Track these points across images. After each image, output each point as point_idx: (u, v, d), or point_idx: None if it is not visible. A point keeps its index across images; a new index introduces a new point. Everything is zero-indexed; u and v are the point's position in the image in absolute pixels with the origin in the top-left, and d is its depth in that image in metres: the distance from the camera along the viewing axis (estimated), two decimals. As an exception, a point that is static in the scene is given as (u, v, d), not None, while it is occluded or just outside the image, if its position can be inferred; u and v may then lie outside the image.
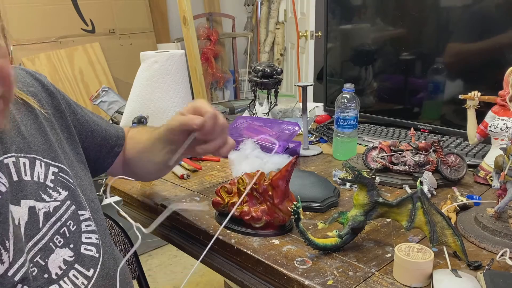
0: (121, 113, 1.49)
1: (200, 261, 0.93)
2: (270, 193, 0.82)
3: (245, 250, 0.80)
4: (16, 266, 0.62)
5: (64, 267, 0.68)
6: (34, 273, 0.65)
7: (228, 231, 0.87)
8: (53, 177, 0.72)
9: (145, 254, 2.49)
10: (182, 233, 0.98)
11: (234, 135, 1.29)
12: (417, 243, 0.76)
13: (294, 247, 0.80)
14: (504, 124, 1.00)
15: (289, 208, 0.81)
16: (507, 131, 0.99)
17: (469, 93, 1.09)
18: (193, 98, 2.56)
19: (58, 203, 0.71)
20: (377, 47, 1.56)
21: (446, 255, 0.74)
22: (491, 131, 1.02)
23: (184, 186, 1.11)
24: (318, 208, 0.95)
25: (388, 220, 0.89)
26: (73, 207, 0.73)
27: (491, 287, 0.63)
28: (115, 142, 0.93)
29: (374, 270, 0.72)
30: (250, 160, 1.14)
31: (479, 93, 1.09)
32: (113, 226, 1.15)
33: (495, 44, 1.24)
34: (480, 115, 1.09)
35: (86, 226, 0.74)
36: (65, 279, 0.68)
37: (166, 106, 1.35)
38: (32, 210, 0.67)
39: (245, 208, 0.85)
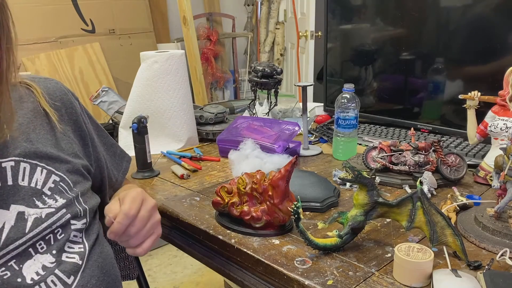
0: (121, 113, 1.49)
1: (200, 261, 0.94)
2: (270, 193, 0.82)
3: (245, 250, 0.80)
4: None
5: (42, 273, 0.68)
6: (5, 277, 0.65)
7: (228, 231, 0.87)
8: (52, 185, 0.72)
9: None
10: (182, 233, 0.98)
11: (234, 135, 1.29)
12: (417, 243, 0.75)
13: (294, 247, 0.80)
14: (504, 124, 1.00)
15: (289, 208, 0.81)
16: (507, 131, 0.99)
17: (469, 93, 1.09)
18: (193, 98, 2.56)
19: (53, 210, 0.71)
20: (377, 47, 1.56)
21: (446, 255, 0.74)
22: (491, 131, 1.03)
23: (184, 186, 1.11)
24: (318, 208, 0.95)
25: (388, 220, 0.89)
26: (68, 215, 0.73)
27: (491, 287, 0.63)
28: (111, 187, 0.95)
29: (374, 270, 0.72)
30: (250, 160, 1.14)
31: (479, 93, 1.09)
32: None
33: (495, 44, 1.24)
34: (480, 115, 1.09)
35: (74, 236, 0.74)
36: (42, 284, 0.68)
37: (166, 106, 1.35)
38: (20, 215, 0.67)
39: (245, 208, 0.85)
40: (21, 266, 0.67)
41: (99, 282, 0.75)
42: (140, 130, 1.15)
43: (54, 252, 0.70)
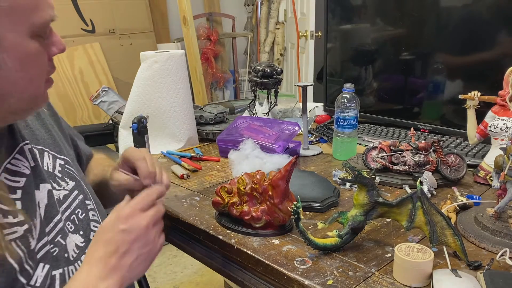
0: (121, 113, 1.49)
1: (200, 261, 0.94)
2: (270, 193, 0.82)
3: (245, 250, 0.80)
4: (39, 245, 0.64)
5: (77, 251, 0.71)
6: (55, 253, 0.67)
7: (228, 231, 0.87)
8: (60, 168, 0.76)
9: (145, 254, 2.49)
10: (182, 233, 0.98)
11: (234, 135, 1.29)
12: (417, 243, 0.76)
13: (294, 247, 0.80)
14: (504, 124, 1.00)
15: (289, 208, 0.81)
16: (507, 131, 0.99)
17: (469, 93, 1.09)
18: (193, 98, 2.56)
19: (67, 192, 0.75)
20: (377, 47, 1.56)
21: (446, 255, 0.74)
22: (491, 131, 1.03)
23: (184, 186, 1.11)
24: (318, 208, 0.95)
25: (388, 220, 0.89)
26: (81, 196, 0.77)
27: (491, 287, 0.63)
28: (85, 159, 0.97)
29: (374, 270, 0.72)
30: (250, 160, 1.14)
31: (479, 93, 1.09)
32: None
33: (495, 44, 1.24)
34: (480, 115, 1.09)
35: (92, 215, 0.78)
36: (79, 262, 0.70)
37: (166, 106, 1.35)
38: (50, 194, 0.70)
39: (245, 208, 0.85)
40: (64, 242, 0.69)
41: None
42: (140, 130, 1.15)
43: (81, 232, 0.73)
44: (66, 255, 0.69)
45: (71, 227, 0.72)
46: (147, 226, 0.68)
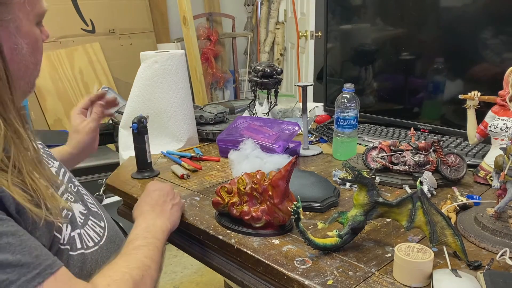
0: (121, 113, 1.49)
1: (200, 261, 0.94)
2: (270, 193, 0.82)
3: (245, 250, 0.80)
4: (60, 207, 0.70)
5: (82, 218, 0.76)
6: (69, 216, 0.72)
7: (228, 231, 0.87)
8: (42, 150, 0.81)
9: (145, 254, 2.49)
10: (182, 233, 0.98)
11: (234, 135, 1.29)
12: (417, 243, 0.75)
13: (294, 247, 0.80)
14: (504, 124, 1.00)
15: (289, 208, 0.81)
16: (507, 131, 0.99)
17: (469, 93, 1.09)
18: (193, 98, 2.56)
19: (56, 169, 0.81)
20: (377, 47, 1.56)
21: (446, 255, 0.74)
22: (491, 131, 1.03)
23: (184, 186, 1.11)
24: (318, 208, 0.95)
25: (388, 220, 0.89)
26: (68, 173, 0.84)
27: (491, 287, 0.63)
28: None
29: (374, 270, 0.72)
30: (250, 160, 1.14)
31: (479, 93, 1.09)
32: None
33: (495, 44, 1.24)
34: (480, 115, 1.09)
35: (81, 189, 0.84)
36: (87, 226, 0.76)
37: (166, 106, 1.35)
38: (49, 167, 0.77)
39: (245, 208, 0.85)
40: (72, 208, 0.75)
41: (115, 227, 0.86)
42: (140, 130, 1.15)
43: (80, 202, 0.79)
44: (76, 219, 0.74)
45: (71, 198, 0.77)
46: (170, 187, 0.95)
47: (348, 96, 1.24)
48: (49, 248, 0.64)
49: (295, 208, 0.75)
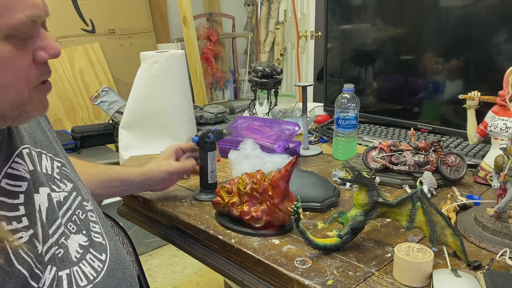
0: (121, 113, 1.49)
1: (200, 261, 0.94)
2: (270, 193, 0.82)
3: (245, 250, 0.80)
4: (45, 248, 0.65)
5: (80, 251, 0.72)
6: (60, 254, 0.68)
7: (228, 231, 0.87)
8: (58, 170, 0.76)
9: (145, 254, 2.49)
10: (182, 233, 0.98)
11: (234, 135, 1.29)
12: (417, 243, 0.76)
13: (294, 247, 0.80)
14: (504, 124, 1.00)
15: (289, 208, 0.81)
16: (507, 131, 0.99)
17: (469, 93, 1.09)
18: (193, 98, 2.56)
19: (66, 193, 0.75)
20: (377, 47, 1.56)
21: (446, 255, 0.74)
22: (491, 131, 1.03)
23: (184, 186, 1.11)
24: (318, 208, 0.95)
25: (388, 220, 0.89)
26: (79, 197, 0.77)
27: (491, 287, 0.63)
28: None
29: (374, 270, 0.72)
30: (250, 160, 1.14)
31: (479, 93, 1.09)
32: (113, 226, 1.15)
33: (495, 44, 1.24)
34: (480, 115, 1.09)
35: (91, 216, 0.78)
36: (84, 262, 0.71)
37: (166, 106, 1.35)
38: (49, 197, 0.70)
39: (245, 208, 0.85)
40: (67, 244, 0.70)
41: (120, 257, 0.80)
42: (202, 145, 1.00)
43: (84, 232, 0.74)
44: (69, 256, 0.70)
45: (72, 228, 0.73)
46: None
47: (348, 96, 1.24)
48: None
49: (295, 208, 0.75)
